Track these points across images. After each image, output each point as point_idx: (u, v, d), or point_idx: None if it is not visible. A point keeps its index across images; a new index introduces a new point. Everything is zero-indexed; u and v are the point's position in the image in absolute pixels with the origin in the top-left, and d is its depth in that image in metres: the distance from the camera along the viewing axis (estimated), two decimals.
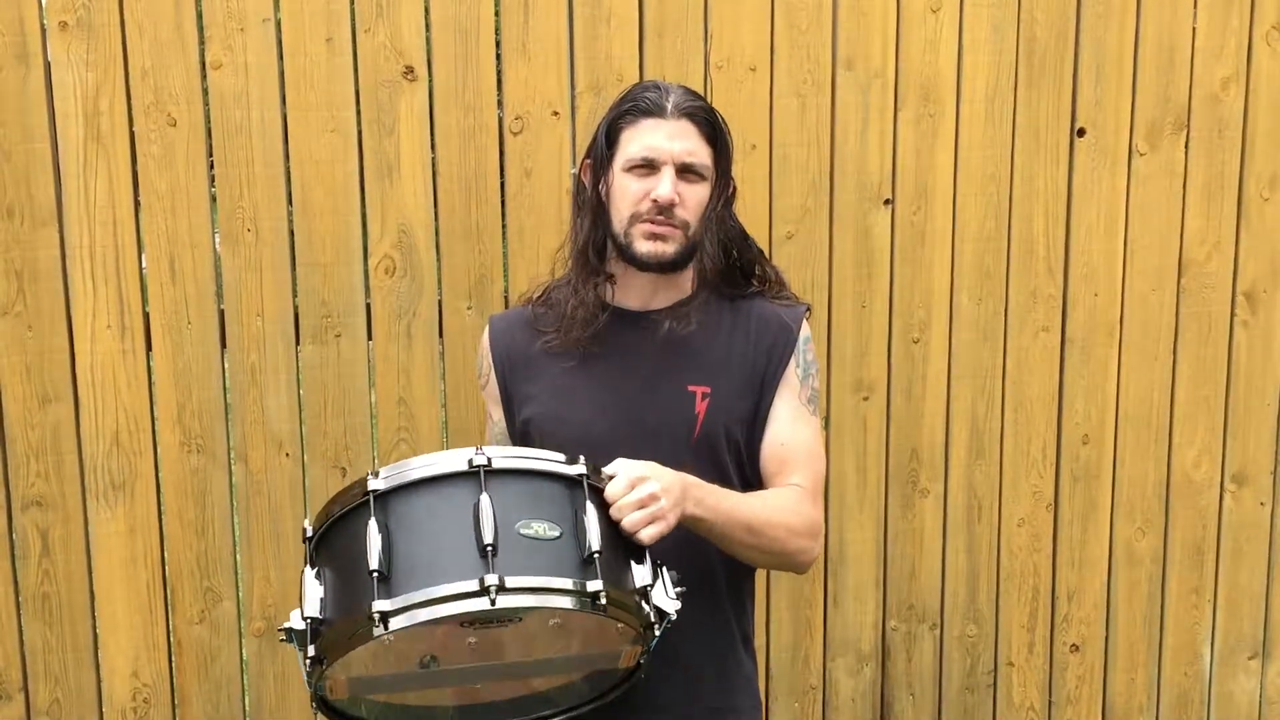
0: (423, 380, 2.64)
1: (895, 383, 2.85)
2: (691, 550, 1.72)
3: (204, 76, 2.49)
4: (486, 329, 2.00)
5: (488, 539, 1.44)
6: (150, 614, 2.60)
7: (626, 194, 1.80)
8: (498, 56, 2.60)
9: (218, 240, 2.55)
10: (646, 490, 1.56)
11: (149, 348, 2.54)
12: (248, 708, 2.69)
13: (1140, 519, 3.02)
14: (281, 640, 1.54)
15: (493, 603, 1.40)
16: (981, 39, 2.77)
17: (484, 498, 1.48)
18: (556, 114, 2.61)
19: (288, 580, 2.63)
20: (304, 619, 1.49)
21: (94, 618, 2.59)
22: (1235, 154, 2.92)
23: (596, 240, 1.86)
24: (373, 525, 1.48)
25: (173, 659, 2.64)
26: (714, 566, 1.81)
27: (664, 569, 1.59)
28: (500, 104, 2.62)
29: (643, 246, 1.80)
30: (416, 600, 1.42)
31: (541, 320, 1.92)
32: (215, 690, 2.65)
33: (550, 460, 1.57)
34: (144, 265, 2.53)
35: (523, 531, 1.48)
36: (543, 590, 1.44)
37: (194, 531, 2.60)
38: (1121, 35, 2.82)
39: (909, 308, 2.83)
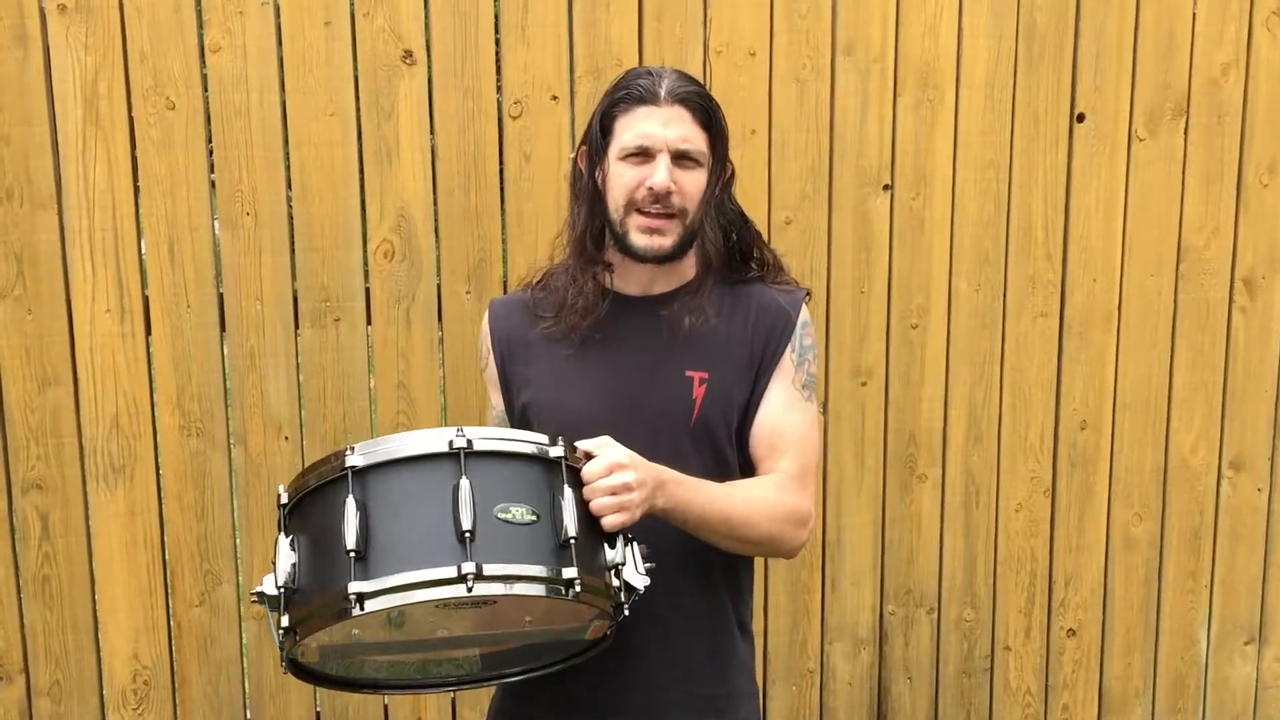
0: (421, 364, 2.65)
1: (893, 368, 2.86)
2: (688, 537, 1.72)
3: (203, 60, 2.49)
4: (487, 313, 2.01)
5: (466, 525, 1.45)
6: (150, 596, 2.61)
7: (622, 182, 1.79)
8: (497, 40, 2.60)
9: (217, 224, 2.55)
10: (621, 479, 1.57)
11: (148, 331, 2.54)
12: (247, 690, 2.71)
13: (1138, 504, 3.03)
14: (253, 602, 1.57)
15: (469, 590, 1.42)
16: (981, 24, 2.76)
17: (464, 482, 1.49)
18: (556, 98, 2.61)
19: None
20: (277, 586, 1.50)
21: (94, 600, 2.60)
22: (1235, 140, 2.92)
23: (594, 229, 1.85)
24: (350, 503, 1.48)
25: (173, 641, 2.65)
26: (710, 553, 1.81)
27: (634, 544, 1.60)
28: (499, 88, 2.62)
29: (639, 240, 1.79)
30: (394, 584, 1.44)
31: (540, 305, 1.92)
32: (215, 672, 2.67)
33: (529, 442, 1.58)
34: (143, 249, 2.53)
35: (500, 516, 1.49)
36: (518, 579, 1.46)
37: (193, 514, 2.61)
38: (1121, 20, 2.82)
39: (908, 293, 2.83)
